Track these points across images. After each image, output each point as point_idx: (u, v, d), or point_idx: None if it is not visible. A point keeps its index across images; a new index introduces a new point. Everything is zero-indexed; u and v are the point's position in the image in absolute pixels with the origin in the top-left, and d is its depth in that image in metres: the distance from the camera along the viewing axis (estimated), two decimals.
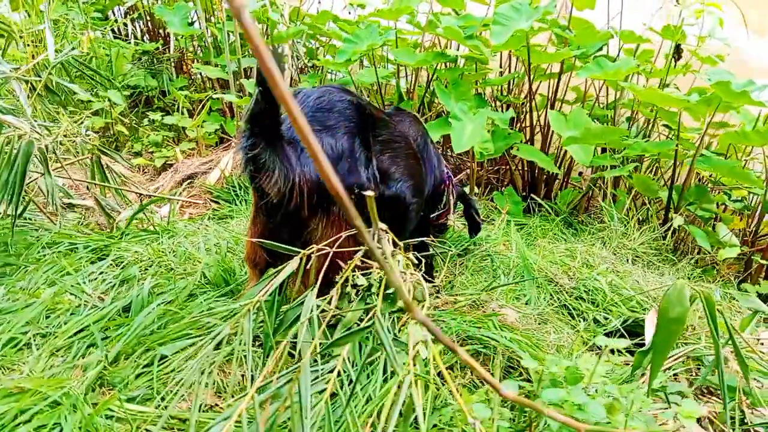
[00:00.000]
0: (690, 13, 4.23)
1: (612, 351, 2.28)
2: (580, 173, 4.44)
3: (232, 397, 1.36)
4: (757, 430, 1.82)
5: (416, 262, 1.78)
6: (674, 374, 2.22)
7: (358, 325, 1.48)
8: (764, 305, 2.19)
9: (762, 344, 2.53)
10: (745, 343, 2.06)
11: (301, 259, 1.35)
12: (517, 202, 3.71)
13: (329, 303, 1.60)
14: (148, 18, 5.56)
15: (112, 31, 5.51)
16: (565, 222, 3.63)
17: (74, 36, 4.75)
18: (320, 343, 1.31)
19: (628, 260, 2.97)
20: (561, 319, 2.25)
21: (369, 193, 1.20)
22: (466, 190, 3.80)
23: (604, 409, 1.26)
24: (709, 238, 3.23)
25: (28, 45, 3.89)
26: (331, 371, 1.37)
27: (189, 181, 3.56)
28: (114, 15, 5.79)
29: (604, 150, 3.89)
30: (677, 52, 3.84)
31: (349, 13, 5.39)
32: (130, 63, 4.85)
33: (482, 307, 2.04)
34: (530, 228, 3.30)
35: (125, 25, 5.66)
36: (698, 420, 2.00)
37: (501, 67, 4.58)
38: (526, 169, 4.21)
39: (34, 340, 1.56)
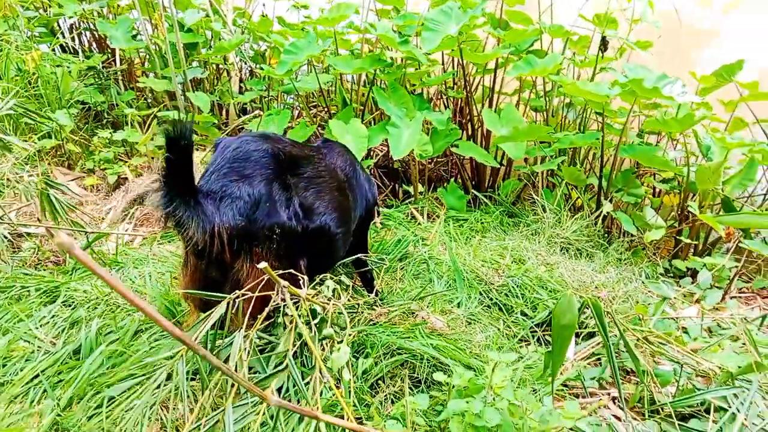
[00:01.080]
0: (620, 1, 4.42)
1: (540, 343, 2.49)
2: (526, 159, 4.63)
3: (177, 430, 1.52)
4: (661, 407, 2.04)
5: (348, 284, 1.95)
6: (598, 359, 2.43)
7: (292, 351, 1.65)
8: (669, 291, 2.41)
9: (684, 320, 2.76)
10: (653, 330, 2.27)
11: (228, 303, 1.51)
12: (461, 196, 3.88)
13: (264, 333, 1.76)
14: (94, 29, 5.55)
15: (60, 46, 5.50)
16: (507, 212, 3.82)
17: (19, 57, 4.76)
18: (252, 376, 1.47)
19: (560, 250, 3.17)
20: (491, 316, 2.45)
21: (262, 265, 1.37)
22: (410, 189, 3.98)
23: (499, 414, 1.45)
24: (637, 221, 3.45)
25: None
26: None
27: (140, 200, 3.66)
28: (59, 27, 5.75)
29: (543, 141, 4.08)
30: (604, 43, 4.03)
31: (298, 10, 5.48)
32: (77, 80, 4.87)
33: (414, 315, 2.21)
34: (471, 223, 3.47)
35: (72, 39, 5.64)
36: (614, 399, 2.23)
37: (443, 63, 4.72)
38: (471, 162, 4.39)
39: None
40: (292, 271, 1.62)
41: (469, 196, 3.95)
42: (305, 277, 1.63)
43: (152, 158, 4.40)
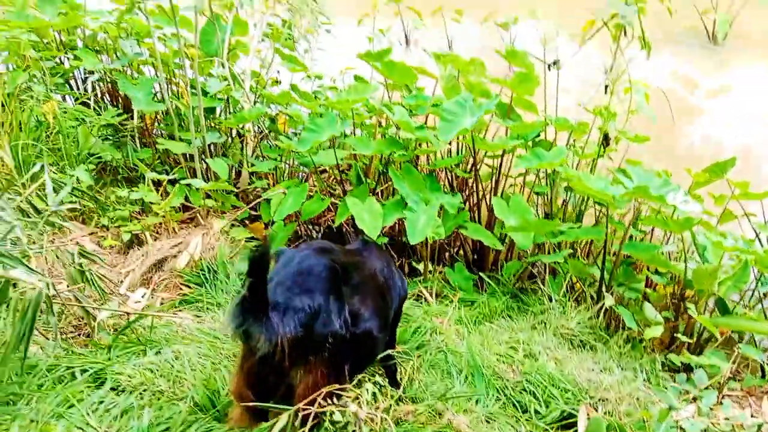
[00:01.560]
0: (618, 93, 4.70)
1: None
2: None
3: None
4: None
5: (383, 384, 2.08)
6: None
7: None
8: (675, 401, 2.57)
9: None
10: None
11: (289, 415, 1.63)
12: (467, 277, 4.05)
13: None
14: (108, 80, 5.67)
15: (75, 98, 5.60)
16: (511, 294, 3.98)
17: (38, 111, 4.86)
18: None
19: (567, 341, 3.33)
20: (507, 414, 2.58)
21: (352, 407, 1.50)
22: (419, 267, 4.13)
23: None
24: (637, 316, 3.63)
25: None
26: None
27: (159, 265, 3.76)
28: (73, 76, 5.84)
29: None
30: (605, 139, 4.29)
31: (312, 80, 5.67)
32: (95, 137, 4.97)
33: (439, 414, 2.35)
34: (479, 306, 3.63)
35: (85, 90, 5.74)
36: None
37: (450, 143, 4.95)
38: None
39: None
40: (348, 386, 1.76)
41: (475, 277, 4.11)
42: (363, 399, 1.76)
43: (166, 219, 4.49)
